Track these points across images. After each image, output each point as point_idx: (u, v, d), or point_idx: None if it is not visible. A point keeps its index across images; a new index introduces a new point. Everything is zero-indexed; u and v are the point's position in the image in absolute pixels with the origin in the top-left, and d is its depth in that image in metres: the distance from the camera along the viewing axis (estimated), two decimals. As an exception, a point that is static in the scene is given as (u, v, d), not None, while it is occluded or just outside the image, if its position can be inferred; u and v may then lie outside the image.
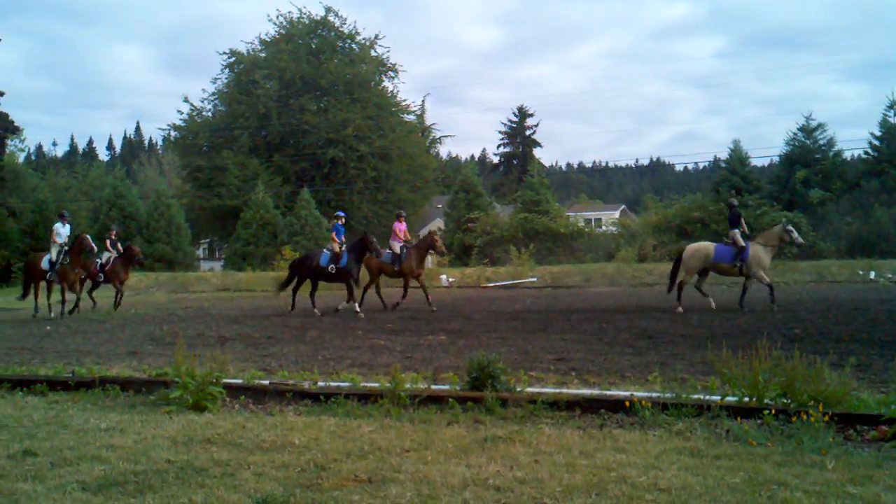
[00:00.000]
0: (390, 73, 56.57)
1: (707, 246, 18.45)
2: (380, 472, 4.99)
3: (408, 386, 7.42)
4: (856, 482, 4.57)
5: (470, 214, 46.90)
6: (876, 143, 44.61)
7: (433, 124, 64.84)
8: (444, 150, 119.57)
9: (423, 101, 78.10)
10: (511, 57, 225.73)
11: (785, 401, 6.34)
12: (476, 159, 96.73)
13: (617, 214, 67.65)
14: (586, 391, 7.42)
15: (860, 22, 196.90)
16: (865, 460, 5.07)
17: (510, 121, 78.35)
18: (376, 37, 55.62)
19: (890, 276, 30.39)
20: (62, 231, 20.67)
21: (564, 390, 7.47)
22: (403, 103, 57.42)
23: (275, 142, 52.82)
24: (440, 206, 58.31)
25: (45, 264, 20.55)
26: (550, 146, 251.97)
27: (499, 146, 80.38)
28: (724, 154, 48.67)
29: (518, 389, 7.29)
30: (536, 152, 77.02)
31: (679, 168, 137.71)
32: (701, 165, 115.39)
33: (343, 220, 21.11)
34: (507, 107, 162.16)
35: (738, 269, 17.85)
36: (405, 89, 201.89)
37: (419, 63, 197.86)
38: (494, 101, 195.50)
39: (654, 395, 6.85)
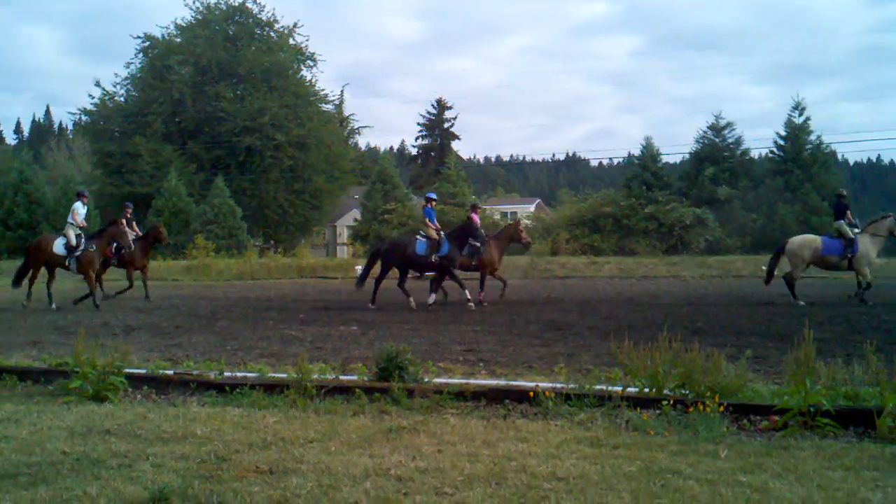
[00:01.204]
0: (309, 62, 56.07)
1: (815, 239, 18.02)
2: (281, 462, 4.95)
3: (315, 376, 7.38)
4: (747, 470, 4.71)
5: (386, 206, 46.83)
6: (781, 142, 46.06)
7: (352, 115, 64.67)
8: (362, 141, 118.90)
9: (341, 92, 77.85)
10: (431, 50, 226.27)
11: (683, 391, 6.50)
12: (394, 151, 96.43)
13: (532, 208, 68.36)
14: (492, 382, 7.49)
15: (769, 26, 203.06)
16: (757, 449, 5.23)
17: (429, 113, 78.19)
18: (295, 25, 55.09)
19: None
20: (81, 212, 18.43)
21: (471, 381, 7.53)
22: (322, 93, 56.98)
23: (189, 129, 51.79)
24: (357, 196, 58.05)
25: (59, 248, 18.04)
26: (468, 139, 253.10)
27: (417, 138, 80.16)
28: (637, 151, 49.57)
29: (426, 380, 7.32)
30: (454, 145, 77.11)
31: (594, 163, 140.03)
32: (615, 161, 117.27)
33: (435, 202, 19.78)
34: (427, 99, 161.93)
35: (848, 263, 17.43)
36: (324, 79, 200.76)
37: (338, 53, 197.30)
38: (414, 94, 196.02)
39: (559, 385, 6.95)
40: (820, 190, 42.06)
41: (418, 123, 78.85)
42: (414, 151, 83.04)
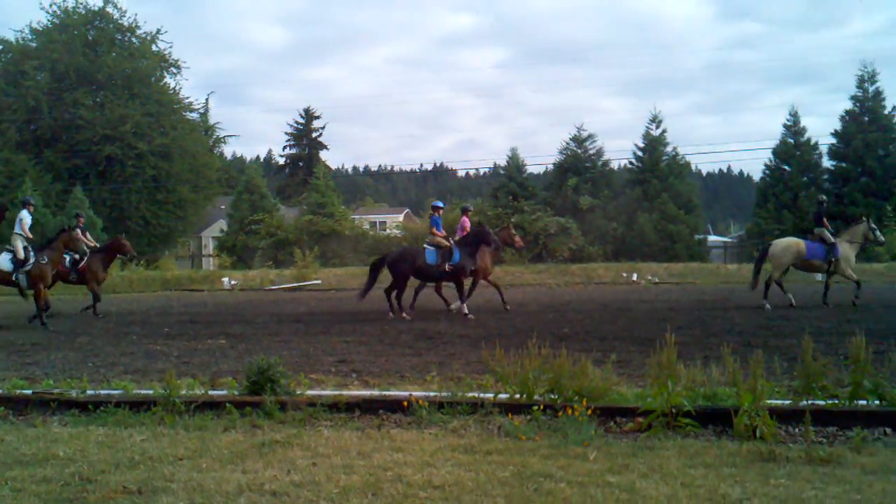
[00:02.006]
0: (172, 69, 54.45)
1: (798, 242, 18.50)
2: (150, 482, 4.81)
3: (183, 392, 7.20)
4: (614, 471, 4.87)
5: (254, 216, 46.11)
6: (639, 153, 47.71)
7: (217, 123, 63.30)
8: (228, 150, 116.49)
9: (206, 100, 76.08)
10: (299, 58, 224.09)
11: (553, 396, 6.67)
12: (261, 160, 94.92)
13: (401, 217, 68.63)
14: (366, 392, 7.49)
15: (628, 40, 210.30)
16: (623, 450, 5.42)
17: (297, 122, 77.42)
18: (158, 31, 53.40)
19: (650, 277, 32.64)
20: (28, 221, 17.09)
21: (344, 392, 7.51)
22: (186, 101, 55.46)
23: (45, 137, 49.40)
24: (223, 207, 56.84)
25: (3, 263, 16.59)
26: (337, 149, 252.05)
27: (284, 147, 79.16)
28: (503, 161, 50.49)
29: (298, 393, 7.25)
30: (323, 154, 76.62)
31: (461, 174, 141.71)
32: (482, 171, 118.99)
33: (441, 211, 19.30)
34: (294, 108, 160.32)
35: (829, 266, 18.10)
36: (188, 86, 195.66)
37: (203, 60, 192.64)
38: (281, 102, 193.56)
39: (432, 394, 7.02)
40: (675, 199, 43.82)
41: (286, 133, 78.07)
42: (281, 161, 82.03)
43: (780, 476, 4.71)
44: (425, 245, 17.95)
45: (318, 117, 77.82)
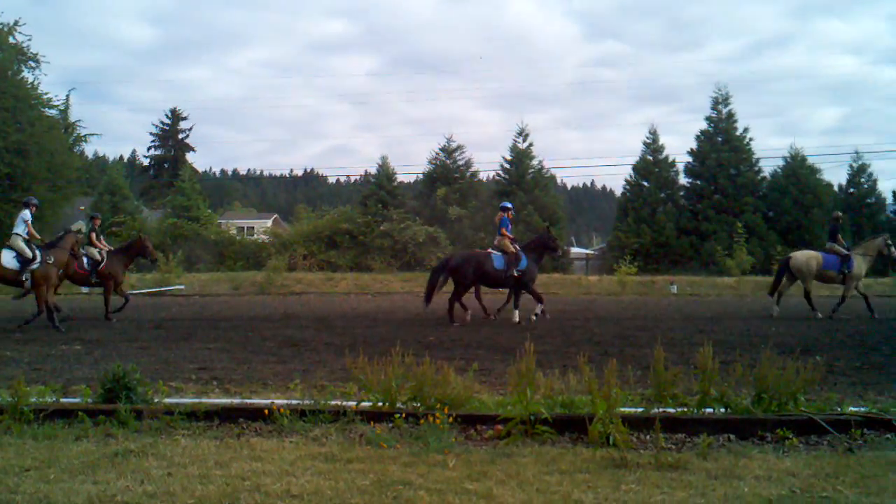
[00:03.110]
0: (31, 62, 51.96)
1: (816, 255, 19.16)
2: (-8, 494, 4.59)
3: (33, 400, 6.88)
4: (473, 478, 4.95)
5: (115, 218, 44.51)
6: (507, 166, 48.58)
7: (78, 121, 60.52)
8: (89, 150, 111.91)
9: (67, 96, 72.87)
10: (166, 57, 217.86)
11: (415, 404, 6.72)
12: (125, 161, 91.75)
13: (269, 223, 67.60)
14: (226, 400, 7.35)
15: (498, 54, 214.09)
16: (482, 457, 5.50)
17: (163, 123, 75.45)
18: (16, 23, 50.75)
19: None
20: (30, 221, 16.29)
21: (204, 400, 7.34)
22: (45, 96, 52.97)
23: None
24: (83, 208, 54.55)
25: (10, 262, 15.68)
26: (204, 151, 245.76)
27: (149, 148, 77.01)
28: (373, 169, 50.55)
29: (155, 401, 7.05)
30: (189, 157, 74.82)
31: (332, 180, 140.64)
32: (352, 179, 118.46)
33: (512, 212, 18.83)
34: (161, 108, 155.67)
35: (842, 278, 18.79)
36: (48, 82, 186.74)
37: (65, 55, 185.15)
38: (147, 102, 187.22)
39: (294, 402, 6.95)
40: (541, 211, 44.81)
41: (151, 133, 76.00)
42: (146, 162, 79.61)
43: (631, 482, 4.88)
44: (490, 250, 17.73)
45: (185, 118, 76.11)
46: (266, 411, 6.57)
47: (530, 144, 48.65)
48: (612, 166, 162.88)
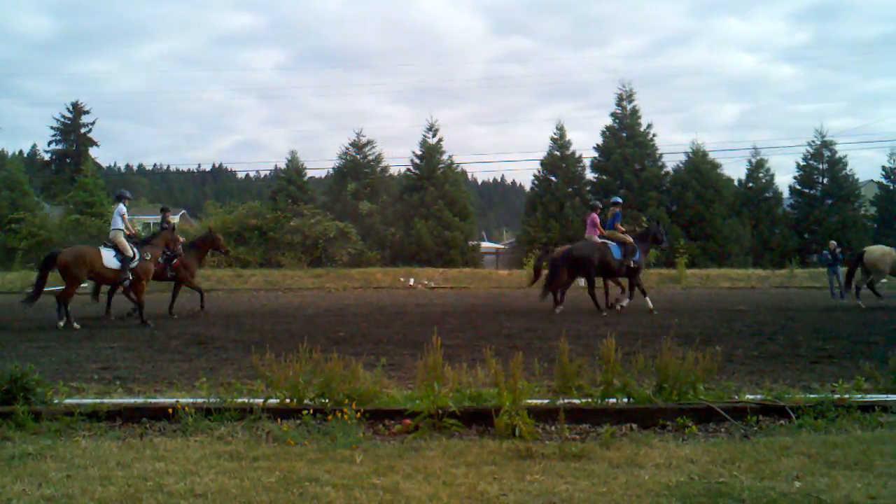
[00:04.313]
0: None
1: (891, 250, 19.85)
2: None
3: (-78, 404, 6.62)
4: (380, 473, 4.95)
5: (14, 214, 42.89)
6: (417, 161, 48.63)
7: (-28, 115, 58.40)
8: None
9: (-40, 90, 70.10)
10: (68, 50, 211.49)
11: (323, 400, 6.69)
12: (24, 155, 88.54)
13: (177, 219, 66.24)
14: (129, 400, 7.18)
15: (408, 49, 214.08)
16: (390, 452, 5.52)
17: (64, 117, 72.86)
18: None
19: (426, 282, 33.35)
20: (126, 216, 16.02)
21: (106, 400, 7.16)
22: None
23: None
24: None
25: (111, 262, 15.33)
26: (108, 146, 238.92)
27: (50, 143, 74.23)
28: (283, 164, 50.05)
29: (55, 402, 6.85)
30: (92, 151, 72.43)
31: (241, 175, 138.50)
32: (262, 174, 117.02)
33: (622, 206, 19.54)
34: (62, 102, 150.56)
35: None
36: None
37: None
38: (48, 95, 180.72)
39: (200, 400, 6.84)
40: (451, 206, 45.07)
41: (52, 127, 73.20)
42: (47, 157, 76.94)
43: (536, 472, 4.97)
44: (606, 241, 18.28)
45: (87, 112, 73.60)
46: (170, 410, 6.46)
47: (440, 139, 48.81)
48: (522, 161, 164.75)
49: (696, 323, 15.21)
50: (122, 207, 16.06)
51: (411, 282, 33.68)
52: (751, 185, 49.45)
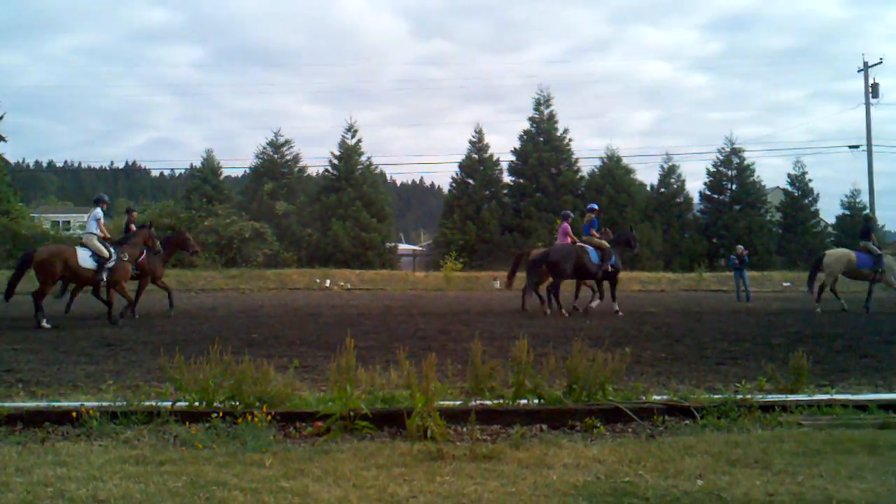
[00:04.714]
0: None
1: (849, 253, 20.56)
2: None
3: None
4: (290, 476, 4.91)
5: None
6: (336, 161, 48.34)
7: None
8: None
9: None
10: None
11: (234, 403, 6.59)
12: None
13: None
14: (31, 404, 6.97)
15: (327, 49, 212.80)
16: (301, 455, 5.47)
17: (-33, 110, 70.29)
18: None
19: (343, 283, 33.20)
20: (102, 219, 16.07)
21: (6, 404, 6.93)
22: None
23: None
24: None
25: (87, 262, 15.42)
26: (16, 141, 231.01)
27: (-48, 138, 71.62)
28: (198, 163, 49.18)
29: (-48, 407, 6.61)
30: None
31: (155, 173, 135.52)
32: (177, 172, 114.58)
33: (598, 212, 20.18)
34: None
35: (874, 275, 20.28)
36: None
37: None
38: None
39: (106, 404, 6.68)
40: (369, 208, 44.94)
41: (-45, 122, 70.58)
42: (-53, 152, 74.04)
43: (446, 473, 4.99)
44: (585, 245, 18.81)
45: (-7, 106, 71.20)
46: (74, 414, 6.28)
47: (359, 140, 48.63)
48: (440, 164, 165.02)
49: (607, 325, 15.48)
50: (98, 211, 16.09)
51: (327, 283, 33.50)
52: (663, 190, 50.59)
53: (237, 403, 6.58)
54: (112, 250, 15.81)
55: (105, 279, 15.76)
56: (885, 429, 6.31)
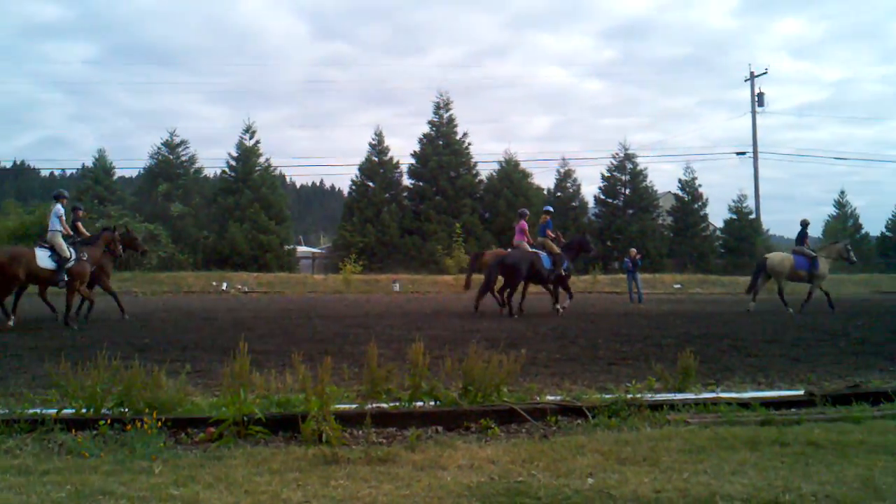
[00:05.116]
0: None
1: (789, 256, 21.64)
2: None
3: None
4: (180, 483, 4.80)
5: None
6: (233, 163, 47.62)
7: None
8: None
9: None
10: None
11: (123, 410, 6.43)
12: None
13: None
14: None
15: (225, 48, 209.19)
16: (191, 461, 5.36)
17: None
18: None
19: (240, 286, 32.70)
20: (63, 216, 15.72)
21: None
22: None
23: None
24: None
25: (46, 262, 15.13)
26: None
27: None
28: (90, 163, 47.74)
29: None
30: None
31: (45, 173, 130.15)
32: (68, 172, 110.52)
33: (552, 214, 20.67)
34: None
35: (809, 277, 21.32)
36: None
37: None
38: None
39: (-14, 412, 6.43)
40: (267, 210, 44.41)
41: None
42: None
43: (341, 477, 4.97)
44: (537, 251, 19.25)
45: None
46: (-50, 424, 6.03)
47: (258, 142, 48.15)
48: (340, 166, 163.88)
49: (503, 327, 15.65)
50: (59, 208, 15.76)
51: (224, 286, 32.96)
52: (559, 194, 51.56)
53: (126, 410, 6.42)
54: (73, 250, 15.57)
55: (64, 280, 15.42)
56: (766, 425, 6.55)
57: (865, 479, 4.92)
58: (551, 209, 21.39)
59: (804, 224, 24.06)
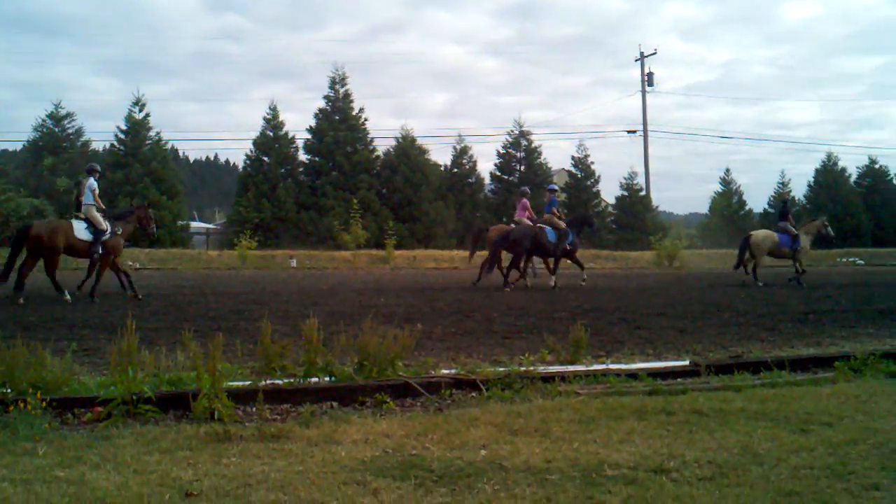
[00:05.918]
0: None
1: (773, 234, 22.40)
2: None
3: None
4: (65, 465, 4.68)
5: None
6: (122, 136, 46.19)
7: None
8: None
9: None
10: None
11: (5, 391, 6.21)
12: None
13: None
14: None
15: (114, 18, 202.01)
16: (78, 442, 5.22)
17: None
18: None
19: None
20: (97, 190, 16.10)
21: None
22: None
23: None
24: None
25: (84, 234, 15.47)
26: None
27: None
28: (-33, 135, 45.66)
29: None
30: None
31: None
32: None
33: (556, 192, 21.59)
34: None
35: (792, 254, 22.26)
36: None
37: None
38: None
39: None
40: (159, 185, 43.32)
41: None
42: None
43: (233, 454, 4.92)
44: (542, 225, 19.86)
45: None
46: None
47: (147, 115, 46.69)
48: (235, 140, 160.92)
49: (400, 302, 15.72)
50: (92, 182, 16.06)
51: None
52: (455, 170, 51.88)
53: (8, 391, 6.20)
54: (108, 223, 15.90)
55: (99, 252, 15.72)
56: (653, 395, 6.78)
57: (745, 445, 5.15)
58: (556, 188, 22.63)
59: (785, 201, 25.04)
